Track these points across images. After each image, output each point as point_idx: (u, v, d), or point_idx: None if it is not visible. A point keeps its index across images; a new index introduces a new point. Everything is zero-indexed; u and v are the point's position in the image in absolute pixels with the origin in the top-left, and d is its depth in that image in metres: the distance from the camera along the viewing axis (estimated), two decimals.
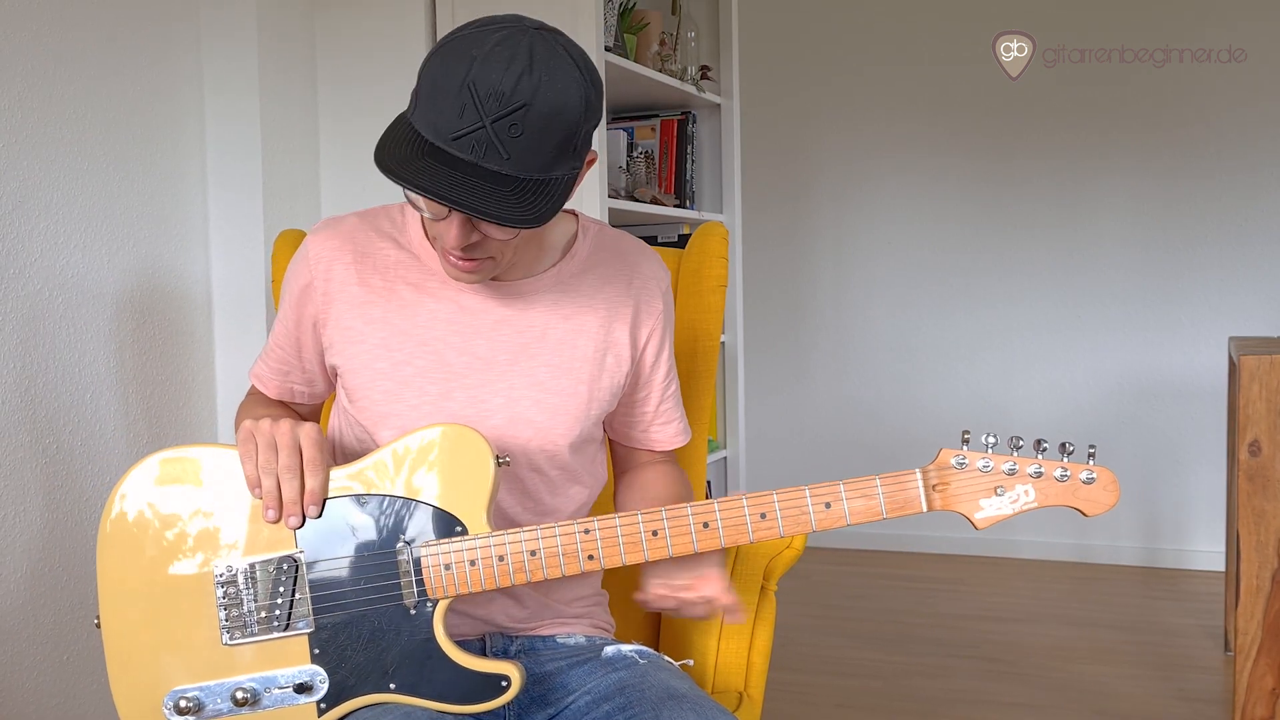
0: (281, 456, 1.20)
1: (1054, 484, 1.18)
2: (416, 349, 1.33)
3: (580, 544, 1.21)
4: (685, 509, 1.21)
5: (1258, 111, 4.03)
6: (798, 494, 1.20)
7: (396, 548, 1.21)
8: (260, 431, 1.21)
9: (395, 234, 1.38)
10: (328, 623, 1.21)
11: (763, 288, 4.63)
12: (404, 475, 1.23)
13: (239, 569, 1.22)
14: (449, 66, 1.15)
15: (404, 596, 1.21)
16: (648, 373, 1.43)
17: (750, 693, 1.56)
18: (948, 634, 3.45)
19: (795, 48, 4.59)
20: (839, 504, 1.20)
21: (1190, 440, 4.16)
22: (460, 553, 1.20)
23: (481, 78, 1.13)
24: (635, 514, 1.21)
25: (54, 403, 2.12)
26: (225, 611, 1.22)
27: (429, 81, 1.17)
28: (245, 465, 1.21)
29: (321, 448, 1.21)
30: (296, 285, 1.37)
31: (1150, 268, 4.19)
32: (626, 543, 1.21)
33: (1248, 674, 2.28)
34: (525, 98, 1.13)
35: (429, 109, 1.16)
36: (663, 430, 1.48)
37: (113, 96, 2.26)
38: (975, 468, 1.19)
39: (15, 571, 2.03)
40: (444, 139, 1.14)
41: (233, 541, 1.23)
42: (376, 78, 2.74)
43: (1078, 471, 1.18)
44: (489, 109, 1.13)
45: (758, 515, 1.20)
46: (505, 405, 1.33)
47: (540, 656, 1.36)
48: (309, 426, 1.22)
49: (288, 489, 1.20)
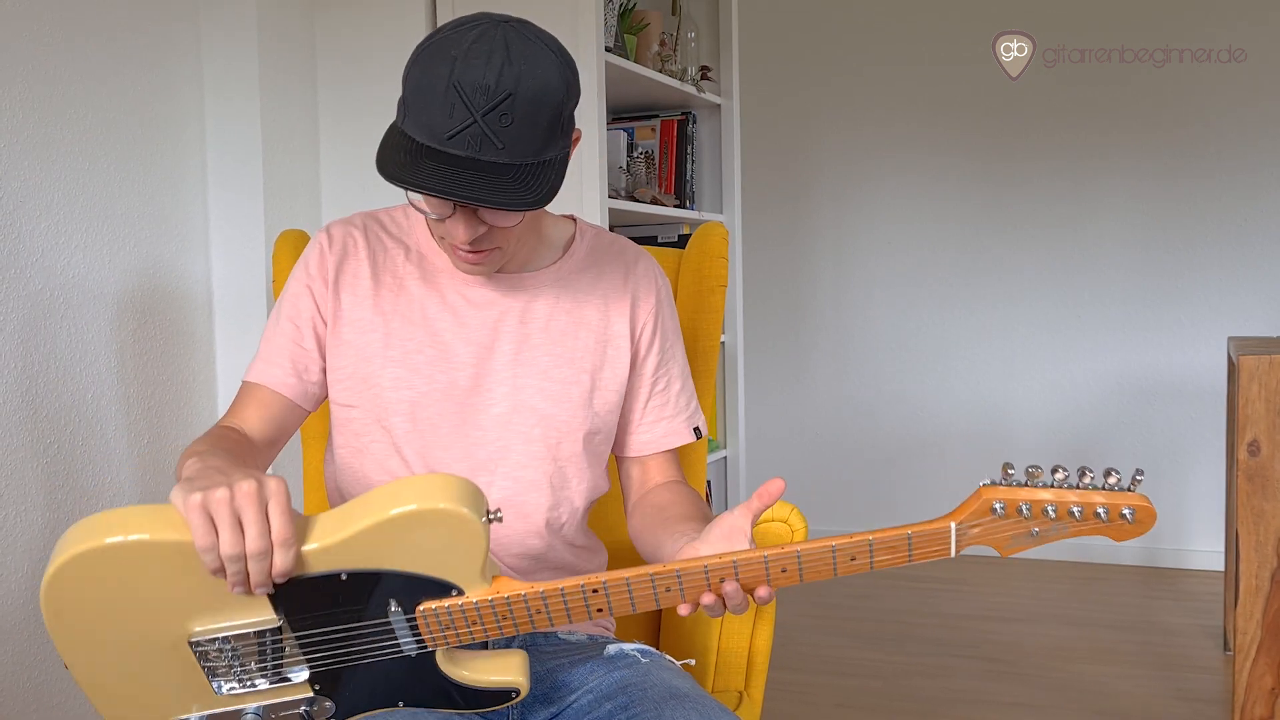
0: (249, 536, 1.03)
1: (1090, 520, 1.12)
2: (425, 339, 1.36)
3: (588, 601, 1.14)
4: (702, 569, 1.12)
5: (1258, 111, 4.04)
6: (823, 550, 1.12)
7: (390, 614, 1.13)
8: (218, 508, 1.02)
9: (402, 235, 1.43)
10: (326, 669, 1.17)
11: (763, 288, 4.63)
12: (389, 550, 1.10)
13: (216, 639, 1.13)
14: (431, 69, 1.19)
15: (403, 648, 1.16)
16: (638, 365, 1.45)
17: (750, 692, 1.56)
18: (948, 634, 3.45)
19: (795, 48, 4.59)
20: (865, 557, 1.13)
21: (1190, 440, 4.16)
22: (460, 616, 1.13)
23: (465, 75, 1.17)
24: (647, 575, 1.13)
25: (54, 403, 2.12)
26: (211, 675, 1.15)
27: (413, 87, 1.20)
28: (205, 556, 1.04)
29: (289, 515, 1.05)
30: (312, 274, 1.39)
31: (1150, 268, 4.19)
32: (638, 599, 1.14)
33: (1247, 673, 2.28)
34: (510, 87, 1.17)
35: (419, 113, 1.19)
36: (651, 430, 1.46)
37: (113, 96, 2.26)
38: (1014, 513, 1.12)
39: (15, 571, 2.03)
40: (439, 139, 1.18)
41: (201, 612, 1.11)
42: (376, 78, 2.75)
43: (1118, 509, 1.12)
44: (477, 104, 1.17)
45: (779, 570, 1.13)
46: (510, 394, 1.36)
47: (542, 653, 1.37)
48: (274, 485, 1.06)
49: (256, 571, 1.05)
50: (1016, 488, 1.12)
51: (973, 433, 4.41)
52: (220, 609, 1.11)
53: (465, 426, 1.35)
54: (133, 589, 1.09)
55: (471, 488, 1.11)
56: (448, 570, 1.11)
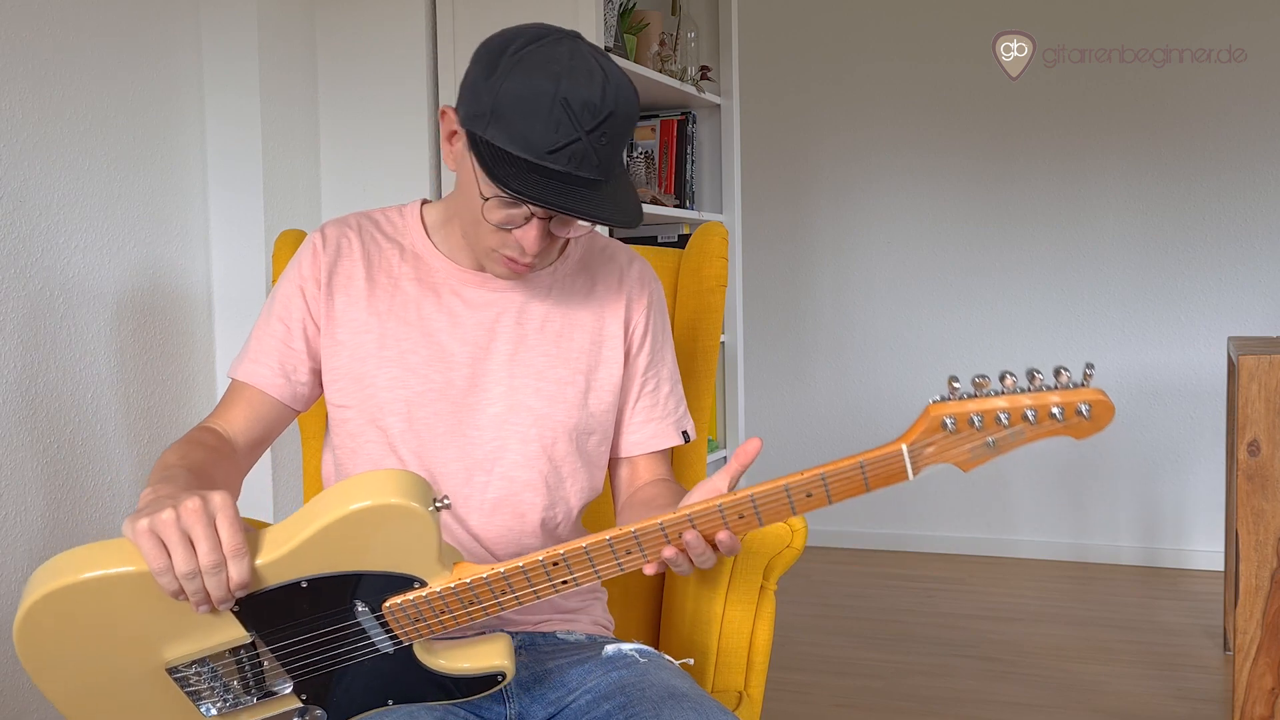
0: (200, 551, 1.03)
1: (1047, 421, 1.07)
2: (420, 339, 1.36)
3: (550, 575, 1.13)
4: (658, 526, 1.12)
5: (1258, 111, 4.04)
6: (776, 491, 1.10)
7: (358, 614, 1.12)
8: (165, 529, 1.02)
9: (397, 235, 1.43)
10: (308, 678, 1.17)
11: (763, 288, 4.63)
12: (341, 552, 1.09)
13: (192, 665, 1.13)
14: (533, 84, 1.20)
15: (379, 647, 1.16)
16: (629, 363, 1.45)
17: (750, 692, 1.56)
18: (948, 634, 3.45)
19: (795, 48, 4.59)
20: (821, 493, 1.11)
21: (1190, 440, 4.16)
22: (427, 607, 1.12)
23: (573, 93, 1.20)
24: (605, 540, 1.12)
25: (54, 403, 2.12)
26: (196, 698, 1.15)
27: (512, 99, 1.20)
28: (161, 579, 1.04)
29: (238, 526, 1.05)
30: (305, 275, 1.39)
31: (1150, 267, 4.19)
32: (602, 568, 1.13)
33: (1247, 673, 2.28)
34: (611, 107, 1.22)
35: (517, 126, 1.20)
36: (639, 431, 1.46)
37: (113, 96, 2.26)
38: (966, 425, 1.08)
39: (16, 571, 2.03)
40: (538, 154, 1.20)
41: (173, 639, 1.10)
42: (376, 78, 2.75)
43: (1074, 406, 1.07)
44: (584, 122, 1.20)
45: (736, 517, 1.12)
46: (505, 393, 1.36)
47: (541, 652, 1.37)
48: (219, 500, 1.06)
49: (214, 586, 1.05)
50: (965, 400, 1.07)
51: None
52: (190, 634, 1.10)
53: (461, 426, 1.35)
54: (102, 625, 1.08)
55: (415, 479, 1.10)
56: (405, 564, 1.10)
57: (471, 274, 1.39)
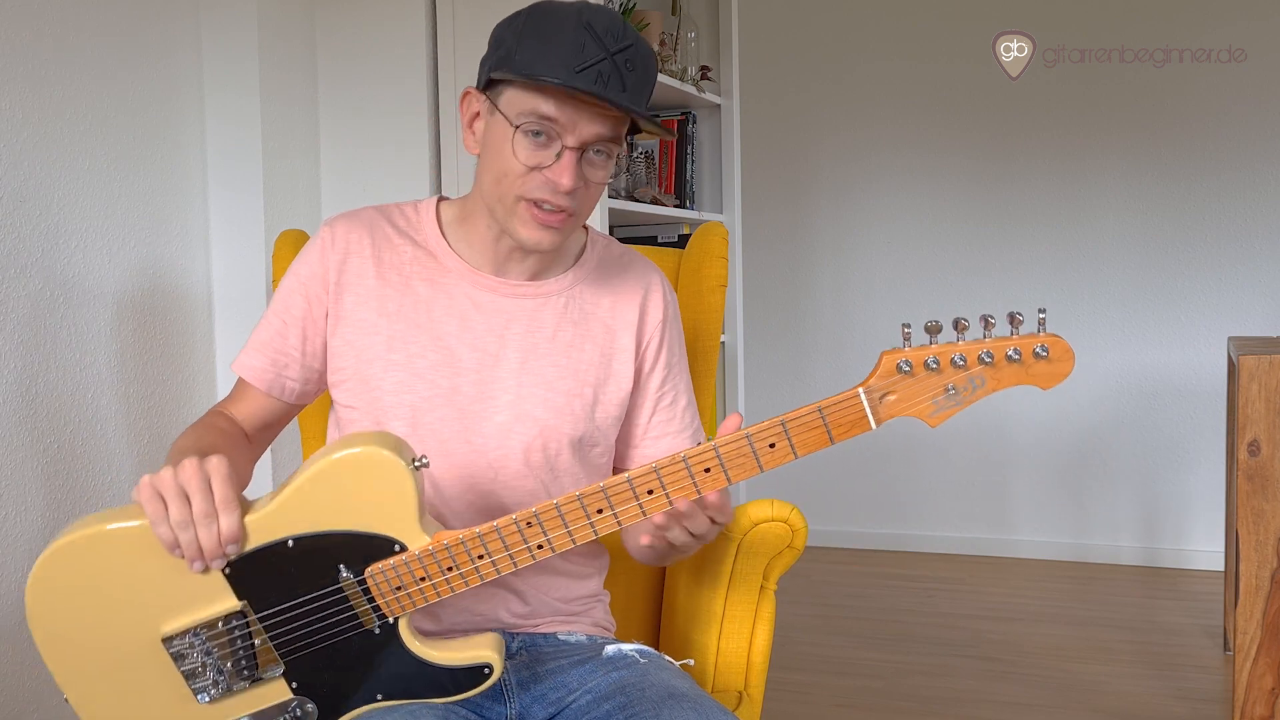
0: (195, 503, 1.11)
1: (1005, 366, 1.09)
2: (429, 343, 1.35)
3: (525, 538, 1.16)
4: (626, 481, 1.15)
5: (1258, 111, 4.04)
6: (739, 440, 1.12)
7: (342, 580, 1.16)
8: (163, 484, 1.11)
9: (411, 231, 1.40)
10: (298, 658, 1.19)
11: (763, 288, 4.63)
12: (325, 507, 1.14)
13: (188, 634, 1.17)
14: (557, 11, 1.24)
15: (364, 623, 1.18)
16: (642, 381, 1.44)
17: (750, 692, 1.56)
18: (948, 634, 3.45)
19: (795, 48, 4.59)
20: (784, 443, 1.12)
21: (1190, 440, 4.16)
22: (407, 571, 1.15)
23: (596, 17, 1.23)
24: (575, 497, 1.15)
25: (54, 403, 2.12)
26: (190, 676, 1.18)
27: (535, 27, 1.24)
28: (158, 528, 1.11)
29: (230, 482, 1.13)
30: (312, 272, 1.37)
31: (1150, 268, 4.19)
32: (574, 525, 1.15)
33: (1247, 673, 2.28)
34: (633, 38, 1.25)
35: (541, 51, 1.23)
36: (654, 446, 1.45)
37: (113, 96, 2.27)
38: (922, 369, 1.09)
39: (16, 571, 2.03)
40: (568, 72, 1.21)
41: (171, 607, 1.15)
42: (377, 78, 2.75)
43: (1030, 348, 1.08)
44: (609, 43, 1.22)
45: (702, 470, 1.14)
46: (513, 402, 1.35)
47: (542, 653, 1.37)
48: (215, 461, 1.13)
49: (206, 538, 1.12)
50: (919, 348, 1.09)
51: (972, 432, 4.40)
52: (186, 604, 1.16)
53: (466, 433, 1.34)
54: (103, 587, 1.15)
55: (394, 437, 1.16)
56: (386, 524, 1.14)
57: (486, 277, 1.37)
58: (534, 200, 1.27)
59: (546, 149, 1.25)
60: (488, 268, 1.38)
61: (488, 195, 1.31)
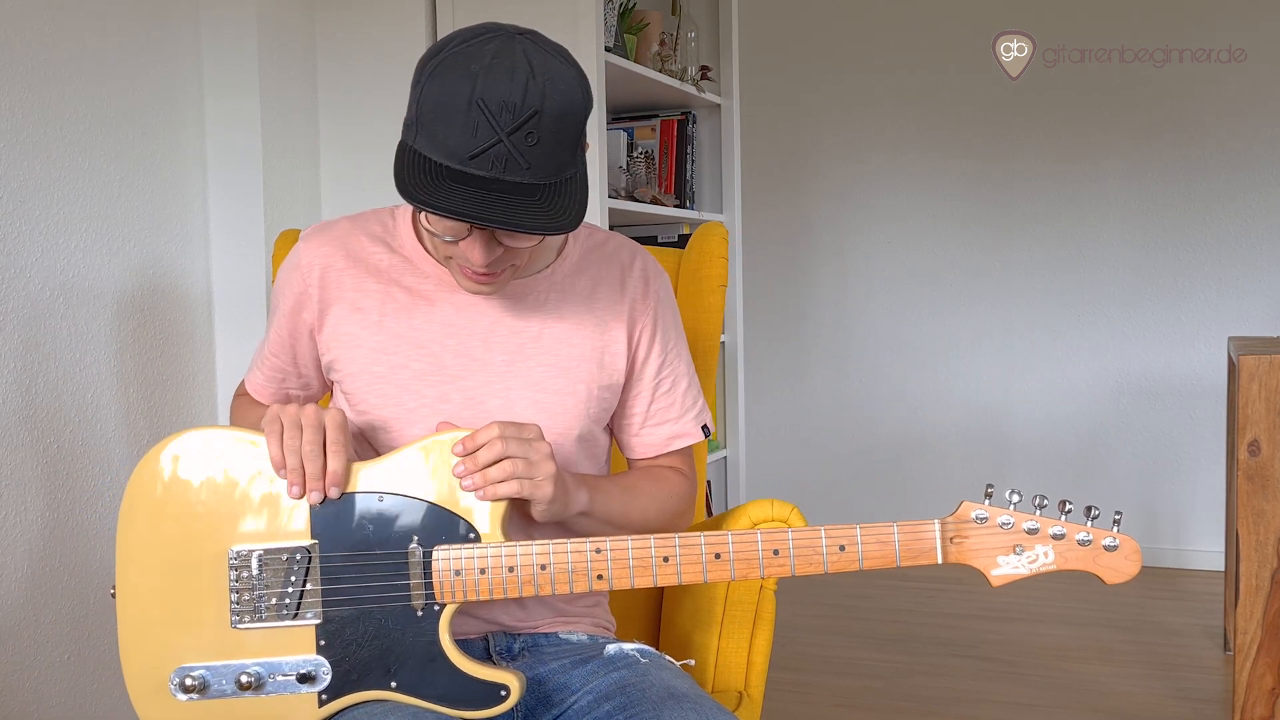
0: (306, 434, 1.20)
1: (1075, 548, 1.17)
2: (413, 352, 1.33)
3: (591, 563, 1.21)
4: (699, 538, 1.20)
5: (1258, 111, 4.03)
6: (813, 534, 1.20)
7: (409, 549, 1.21)
8: (286, 414, 1.21)
9: (387, 238, 1.38)
10: (335, 615, 1.22)
11: (763, 288, 4.63)
12: (425, 477, 1.23)
13: (254, 554, 1.22)
14: (450, 86, 1.14)
15: (412, 598, 1.21)
16: (638, 369, 1.42)
17: (750, 692, 1.56)
18: (948, 634, 3.45)
19: (795, 48, 4.59)
20: (854, 548, 1.19)
21: (1190, 440, 4.16)
22: (471, 559, 1.21)
23: (489, 92, 1.13)
24: (648, 539, 1.21)
25: (54, 403, 2.12)
26: (237, 595, 1.22)
27: (431, 105, 1.15)
28: (271, 446, 1.21)
29: (344, 430, 1.22)
30: (290, 293, 1.37)
31: (1150, 268, 4.19)
32: (637, 566, 1.21)
33: (1247, 673, 2.28)
34: (535, 104, 1.13)
35: (437, 132, 1.15)
36: (654, 433, 1.44)
37: (113, 97, 2.26)
38: (995, 524, 1.17)
39: (16, 571, 2.03)
40: (460, 160, 1.14)
41: (251, 526, 1.23)
42: (377, 79, 2.75)
43: (1100, 538, 1.17)
44: (503, 122, 1.13)
45: (770, 552, 1.20)
46: (503, 407, 1.33)
47: (544, 654, 1.36)
48: (334, 411, 1.23)
49: (311, 466, 1.20)
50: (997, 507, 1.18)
51: (972, 433, 4.41)
52: (265, 527, 1.24)
53: None
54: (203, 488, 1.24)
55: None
56: (473, 512, 1.22)
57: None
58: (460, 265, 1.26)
59: (455, 223, 1.20)
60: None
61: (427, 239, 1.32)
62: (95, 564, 2.19)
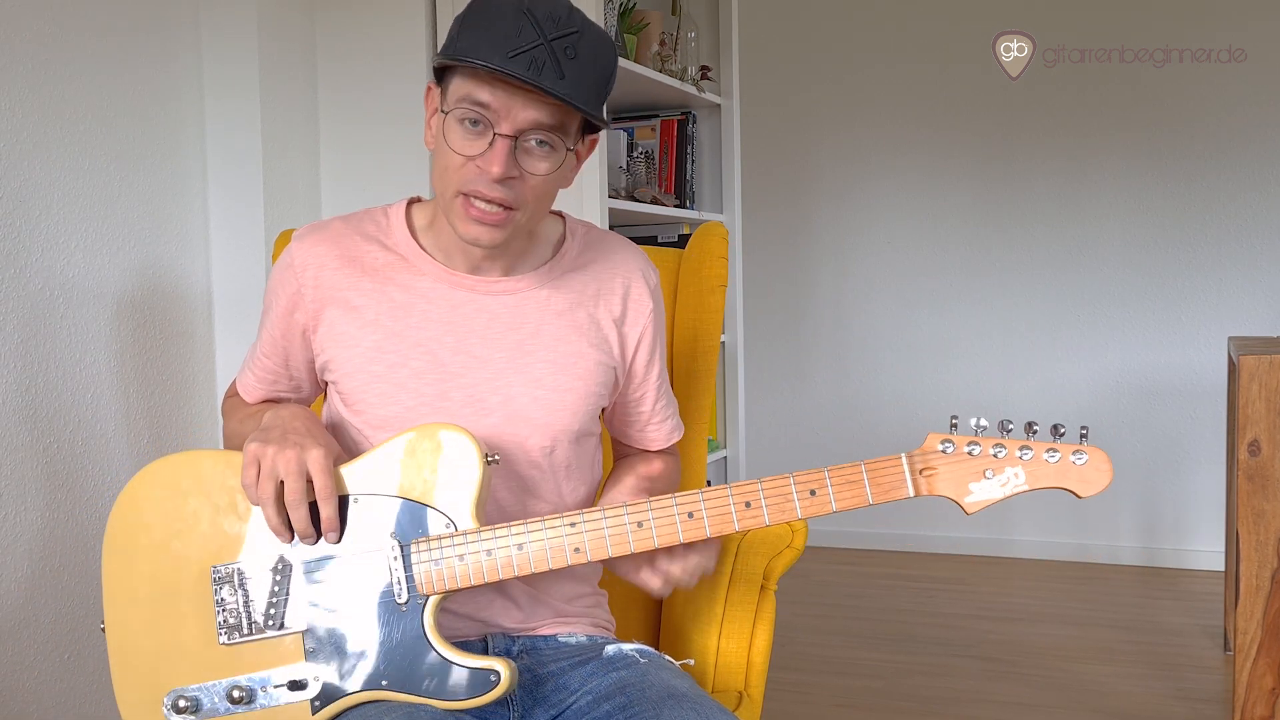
0: (288, 484, 1.19)
1: (1044, 465, 1.15)
2: (411, 350, 1.33)
3: (566, 537, 1.22)
4: (670, 500, 1.21)
5: (1258, 111, 4.04)
6: (782, 482, 1.19)
7: (387, 546, 1.22)
8: (264, 458, 1.20)
9: (381, 236, 1.38)
10: (320, 621, 1.22)
11: (763, 288, 4.63)
12: (395, 475, 1.24)
13: (235, 569, 1.24)
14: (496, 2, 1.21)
15: (395, 594, 1.22)
16: (642, 373, 1.43)
17: (750, 692, 1.56)
18: (948, 634, 3.45)
19: (795, 48, 4.59)
20: (824, 491, 1.19)
21: (1190, 440, 4.16)
22: (449, 548, 1.21)
23: (538, 4, 1.20)
24: (621, 506, 1.22)
25: (54, 403, 2.12)
26: (222, 612, 1.23)
27: (476, 13, 1.22)
28: (249, 492, 1.21)
29: (330, 474, 1.20)
30: (284, 293, 1.37)
31: (1150, 267, 4.19)
32: (612, 535, 1.21)
33: (1247, 673, 2.28)
34: (579, 25, 1.22)
35: (480, 34, 1.20)
36: (659, 429, 1.49)
37: (113, 97, 2.26)
38: (962, 451, 1.17)
39: (15, 572, 2.03)
40: (501, 56, 1.19)
41: (230, 542, 1.24)
42: (377, 79, 2.74)
43: (1068, 452, 1.15)
44: (547, 29, 1.19)
45: (742, 504, 1.20)
46: (503, 403, 1.34)
47: (543, 656, 1.36)
48: (316, 455, 1.20)
49: (297, 519, 1.20)
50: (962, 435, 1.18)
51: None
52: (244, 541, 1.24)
53: None
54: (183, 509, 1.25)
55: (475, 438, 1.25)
56: (446, 503, 1.23)
57: (462, 277, 1.35)
58: (469, 194, 1.25)
59: (480, 137, 1.23)
60: (463, 267, 1.35)
61: (437, 191, 1.31)
62: (95, 564, 2.18)
